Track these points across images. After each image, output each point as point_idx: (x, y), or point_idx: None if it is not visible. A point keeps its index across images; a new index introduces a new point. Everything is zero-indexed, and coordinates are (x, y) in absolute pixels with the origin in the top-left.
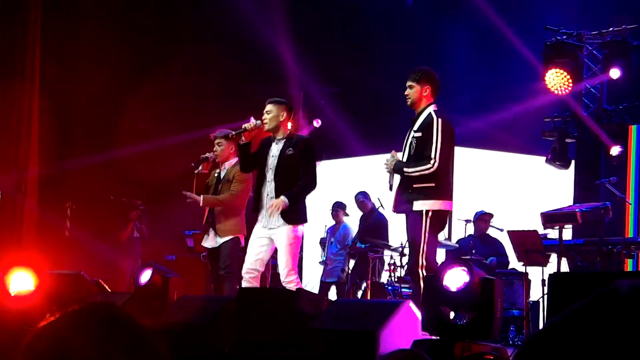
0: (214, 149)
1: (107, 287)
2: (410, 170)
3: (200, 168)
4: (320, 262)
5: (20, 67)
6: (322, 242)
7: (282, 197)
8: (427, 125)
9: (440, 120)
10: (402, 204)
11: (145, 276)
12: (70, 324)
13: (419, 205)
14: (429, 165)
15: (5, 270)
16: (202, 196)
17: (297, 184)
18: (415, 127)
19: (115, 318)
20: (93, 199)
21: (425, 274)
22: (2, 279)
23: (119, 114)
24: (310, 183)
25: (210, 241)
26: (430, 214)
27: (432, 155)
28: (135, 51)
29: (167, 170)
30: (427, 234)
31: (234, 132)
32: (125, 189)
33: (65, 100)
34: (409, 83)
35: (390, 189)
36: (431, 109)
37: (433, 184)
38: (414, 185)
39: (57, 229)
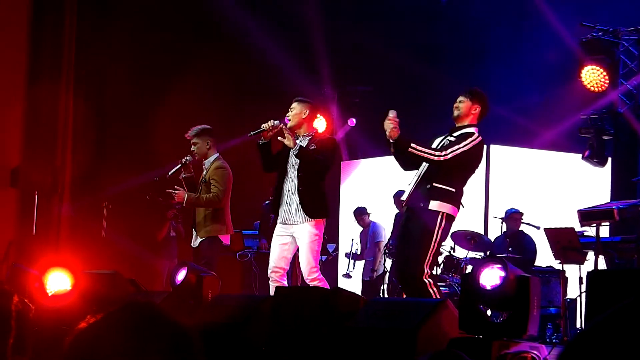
0: (191, 149)
1: (143, 287)
2: (417, 147)
3: (183, 173)
4: (343, 275)
5: (56, 68)
6: (347, 255)
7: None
8: (464, 135)
9: (479, 138)
10: (417, 198)
11: (182, 275)
12: (112, 323)
13: (435, 205)
14: (437, 155)
15: (42, 270)
16: (186, 194)
17: (319, 178)
18: (454, 136)
19: (155, 317)
20: (129, 198)
21: (431, 281)
22: (40, 279)
23: (154, 114)
24: (325, 160)
25: (194, 240)
26: (444, 217)
27: (448, 152)
28: (170, 50)
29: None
30: (436, 244)
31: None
32: (162, 189)
33: (101, 101)
34: (461, 98)
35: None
36: (474, 129)
37: (453, 189)
38: (434, 184)
39: (93, 229)
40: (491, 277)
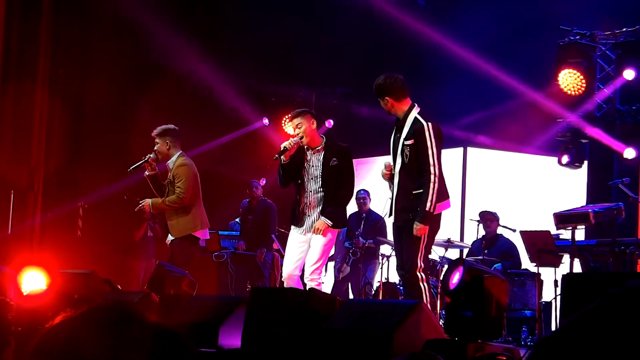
0: (154, 147)
1: (119, 287)
2: (427, 203)
3: (147, 171)
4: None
5: (32, 67)
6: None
7: (324, 219)
8: (416, 132)
9: (430, 124)
10: (404, 211)
11: None
12: (84, 322)
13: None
14: (432, 181)
15: (17, 269)
16: (150, 201)
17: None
18: (405, 134)
19: (129, 317)
20: (106, 198)
21: (424, 275)
22: (15, 278)
23: (131, 113)
24: (348, 195)
25: (168, 239)
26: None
27: (431, 169)
28: (147, 51)
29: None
30: (426, 237)
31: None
32: (139, 189)
33: (78, 100)
34: (380, 99)
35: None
36: (415, 112)
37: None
38: (414, 192)
39: (69, 229)
40: (455, 278)
